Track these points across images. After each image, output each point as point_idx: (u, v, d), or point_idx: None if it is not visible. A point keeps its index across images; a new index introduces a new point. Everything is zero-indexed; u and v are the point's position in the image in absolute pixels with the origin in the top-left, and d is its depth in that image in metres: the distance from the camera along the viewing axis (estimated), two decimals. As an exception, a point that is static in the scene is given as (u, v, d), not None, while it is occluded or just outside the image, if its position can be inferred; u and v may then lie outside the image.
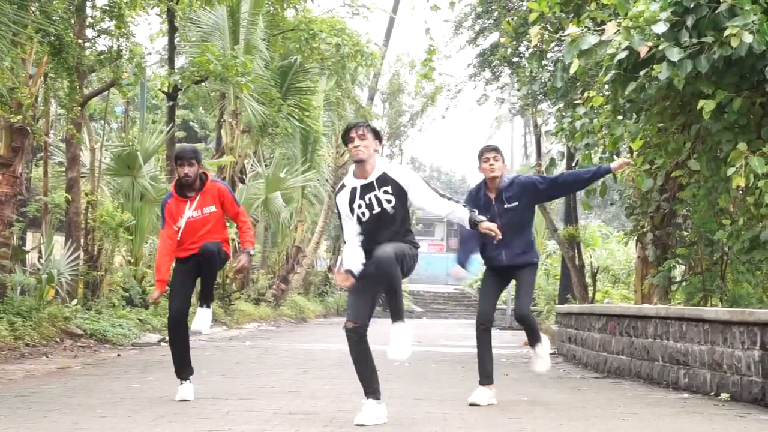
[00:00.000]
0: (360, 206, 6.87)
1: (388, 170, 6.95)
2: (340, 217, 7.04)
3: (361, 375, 6.89)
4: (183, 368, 8.44)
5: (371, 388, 6.86)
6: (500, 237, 7.18)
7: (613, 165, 8.78)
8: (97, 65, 17.14)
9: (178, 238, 8.43)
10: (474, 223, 7.02)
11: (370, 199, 6.86)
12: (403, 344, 6.75)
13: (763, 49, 8.77)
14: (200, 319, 8.59)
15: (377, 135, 6.97)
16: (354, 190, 6.93)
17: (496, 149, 8.57)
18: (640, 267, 15.11)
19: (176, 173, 8.50)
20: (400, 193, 6.89)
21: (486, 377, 8.42)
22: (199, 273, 8.56)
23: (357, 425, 6.67)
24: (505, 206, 8.40)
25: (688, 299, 13.33)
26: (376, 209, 6.85)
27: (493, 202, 8.43)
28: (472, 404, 8.16)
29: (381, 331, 7.68)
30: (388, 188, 6.87)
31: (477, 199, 8.55)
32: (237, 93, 22.16)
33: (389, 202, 6.86)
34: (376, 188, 6.87)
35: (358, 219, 6.89)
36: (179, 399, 8.21)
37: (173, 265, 8.61)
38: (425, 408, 7.88)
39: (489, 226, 7.00)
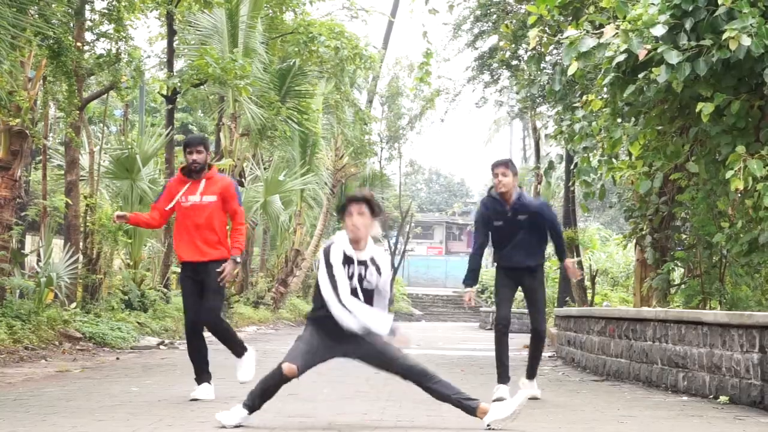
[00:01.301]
0: (351, 276, 6.79)
1: (375, 254, 6.92)
2: (329, 268, 6.76)
3: (265, 393, 6.79)
4: (201, 374, 8.65)
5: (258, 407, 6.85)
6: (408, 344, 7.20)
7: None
8: (96, 68, 17.14)
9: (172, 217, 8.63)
10: (392, 331, 6.84)
11: (353, 271, 6.80)
12: None
13: (762, 52, 8.78)
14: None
15: (375, 211, 6.87)
16: (348, 257, 6.82)
17: (505, 164, 8.98)
18: (639, 270, 15.12)
19: (185, 160, 8.60)
20: (377, 278, 6.90)
21: (507, 377, 9.00)
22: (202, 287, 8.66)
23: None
24: (518, 218, 8.94)
25: (686, 302, 13.34)
26: (355, 284, 6.79)
27: (508, 213, 8.95)
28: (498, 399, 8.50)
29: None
30: (373, 269, 6.87)
31: (494, 206, 9.02)
32: (236, 96, 22.18)
33: (369, 283, 6.85)
34: (364, 265, 6.84)
35: (338, 282, 6.81)
36: (191, 398, 8.38)
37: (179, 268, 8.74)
38: (424, 411, 7.87)
39: (403, 340, 6.89)
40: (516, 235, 8.94)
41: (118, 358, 13.51)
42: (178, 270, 24.39)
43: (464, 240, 78.31)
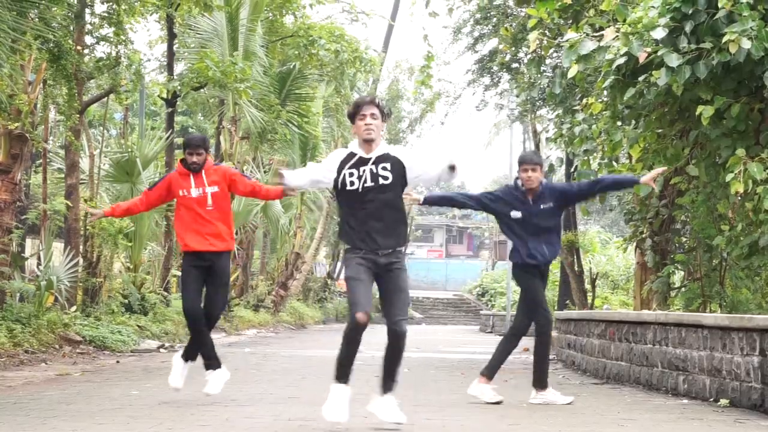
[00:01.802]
0: (351, 174, 6.81)
1: (390, 150, 6.97)
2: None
3: (345, 364, 6.83)
4: (210, 360, 8.65)
5: (349, 375, 6.88)
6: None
7: (643, 179, 9.08)
8: (96, 72, 17.15)
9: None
10: (452, 167, 6.96)
11: (364, 171, 6.82)
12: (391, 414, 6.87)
13: (762, 55, 8.79)
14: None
15: (384, 114, 6.97)
16: (352, 156, 6.89)
17: (534, 162, 9.00)
18: (639, 273, 15.11)
19: (185, 159, 8.68)
20: (399, 173, 6.85)
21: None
22: (206, 279, 8.70)
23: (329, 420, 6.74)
24: (541, 207, 8.96)
25: (687, 305, 13.34)
26: (369, 183, 6.79)
27: (531, 203, 8.97)
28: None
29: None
30: (387, 165, 6.83)
31: (514, 196, 9.03)
32: (236, 99, 22.18)
33: (386, 178, 6.80)
34: (375, 163, 6.83)
35: (343, 186, 6.83)
36: (206, 393, 8.51)
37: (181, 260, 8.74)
38: (424, 414, 7.87)
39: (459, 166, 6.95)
40: (539, 228, 8.92)
41: (118, 362, 13.51)
42: (179, 273, 24.36)
43: (464, 243, 78.30)
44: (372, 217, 6.80)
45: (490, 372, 9.04)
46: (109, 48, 16.98)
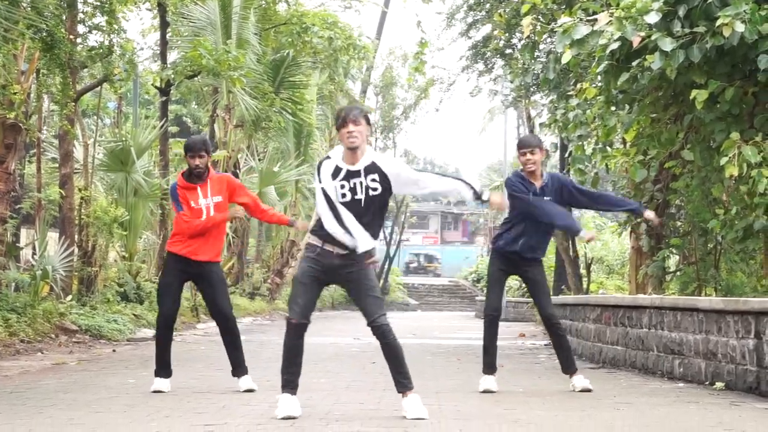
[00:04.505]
0: (343, 186, 6.77)
1: (376, 159, 6.89)
2: (320, 184, 6.88)
3: (288, 368, 6.97)
4: (165, 368, 8.56)
5: (293, 383, 6.96)
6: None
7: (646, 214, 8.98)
8: (89, 61, 17.11)
9: (193, 221, 8.45)
10: (479, 196, 6.95)
11: (354, 184, 6.78)
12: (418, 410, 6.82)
13: (755, 38, 8.78)
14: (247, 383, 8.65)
15: (369, 122, 6.93)
16: (339, 169, 6.83)
17: (533, 144, 8.75)
18: (634, 257, 15.11)
19: (188, 164, 8.55)
20: (386, 184, 6.83)
21: (490, 367, 8.79)
22: (187, 280, 8.80)
23: (286, 417, 6.70)
24: (545, 198, 8.67)
25: (682, 289, 13.35)
26: (359, 195, 6.77)
27: (537, 192, 8.69)
28: (485, 391, 8.60)
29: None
30: (376, 176, 6.80)
31: (523, 184, 8.77)
32: (230, 87, 22.15)
33: (375, 190, 6.79)
34: (363, 175, 6.80)
35: (330, 198, 6.82)
36: (153, 390, 8.34)
37: (166, 258, 8.70)
38: (421, 400, 7.87)
39: (499, 203, 7.04)
40: (532, 221, 8.68)
41: (114, 351, 13.51)
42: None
43: (459, 229, 78.38)
44: (354, 218, 6.81)
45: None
46: (102, 37, 16.95)
